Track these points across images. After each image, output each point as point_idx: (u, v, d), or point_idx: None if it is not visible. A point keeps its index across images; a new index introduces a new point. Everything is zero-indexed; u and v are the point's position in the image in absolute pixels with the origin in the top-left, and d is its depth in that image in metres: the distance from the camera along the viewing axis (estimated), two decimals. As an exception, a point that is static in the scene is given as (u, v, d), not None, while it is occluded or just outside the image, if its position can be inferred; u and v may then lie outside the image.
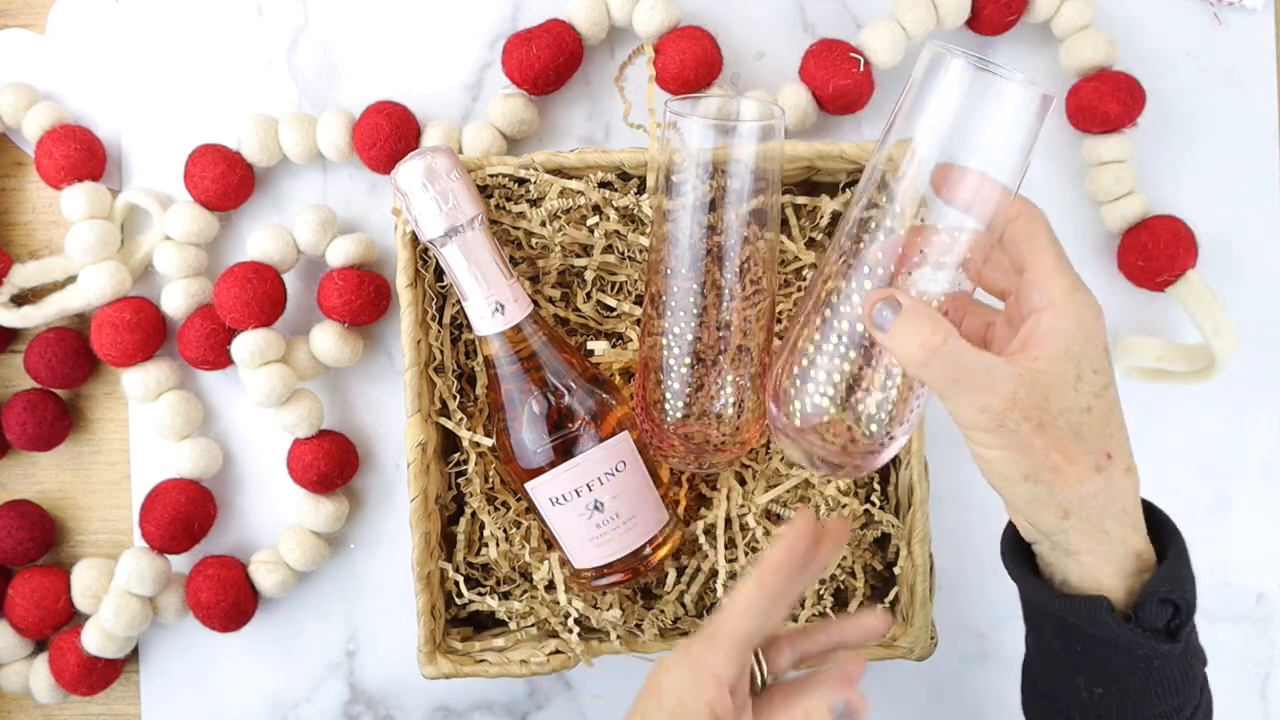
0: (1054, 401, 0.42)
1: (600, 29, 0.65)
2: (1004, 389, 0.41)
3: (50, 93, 0.67)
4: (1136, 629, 0.43)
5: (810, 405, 0.46)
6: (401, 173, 0.54)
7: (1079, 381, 0.42)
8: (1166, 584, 0.43)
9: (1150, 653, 0.43)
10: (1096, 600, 0.43)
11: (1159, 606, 0.43)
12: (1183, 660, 0.44)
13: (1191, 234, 0.65)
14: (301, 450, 0.65)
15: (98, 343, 0.64)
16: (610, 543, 0.55)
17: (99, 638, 0.63)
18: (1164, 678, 0.44)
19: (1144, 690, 0.44)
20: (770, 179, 0.52)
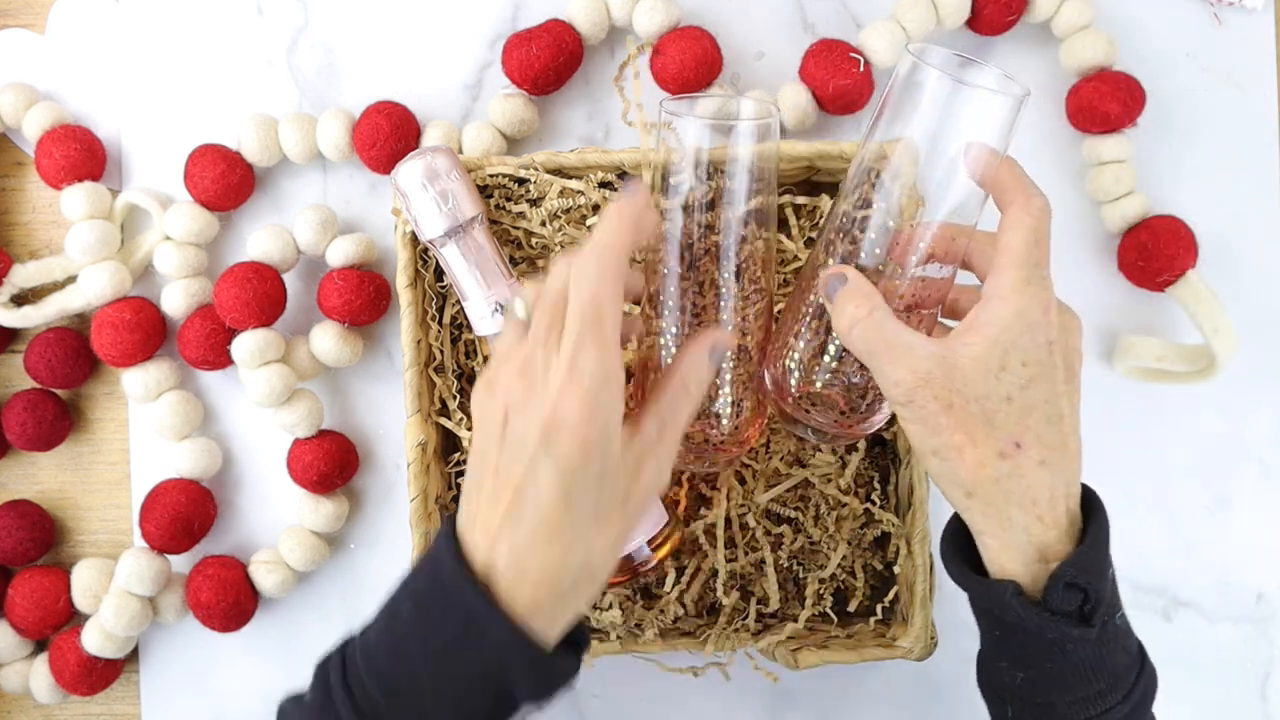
0: (970, 386, 0.44)
1: (600, 29, 0.65)
2: (919, 366, 0.44)
3: (50, 93, 0.67)
4: (1045, 613, 0.44)
5: (804, 381, 0.51)
6: (401, 173, 0.54)
7: (1002, 371, 0.44)
8: (1074, 569, 0.44)
9: (1061, 637, 0.44)
10: (1004, 584, 0.45)
11: (1065, 591, 0.44)
12: (1098, 646, 0.44)
13: (1191, 234, 0.65)
14: (301, 450, 0.65)
15: (98, 343, 0.64)
16: None
17: (99, 638, 0.63)
18: (1078, 662, 0.45)
19: (1061, 674, 0.45)
20: (767, 178, 0.52)
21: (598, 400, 0.43)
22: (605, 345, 0.43)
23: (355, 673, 0.45)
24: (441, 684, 0.43)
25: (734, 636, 0.61)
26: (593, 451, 0.43)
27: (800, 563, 0.64)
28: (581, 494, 0.43)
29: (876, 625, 0.62)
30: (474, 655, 0.43)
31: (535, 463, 0.43)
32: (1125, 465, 0.68)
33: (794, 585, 0.64)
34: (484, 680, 0.43)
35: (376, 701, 0.44)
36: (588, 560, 0.44)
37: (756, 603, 0.63)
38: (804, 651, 0.59)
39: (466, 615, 0.43)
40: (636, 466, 0.45)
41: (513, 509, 0.43)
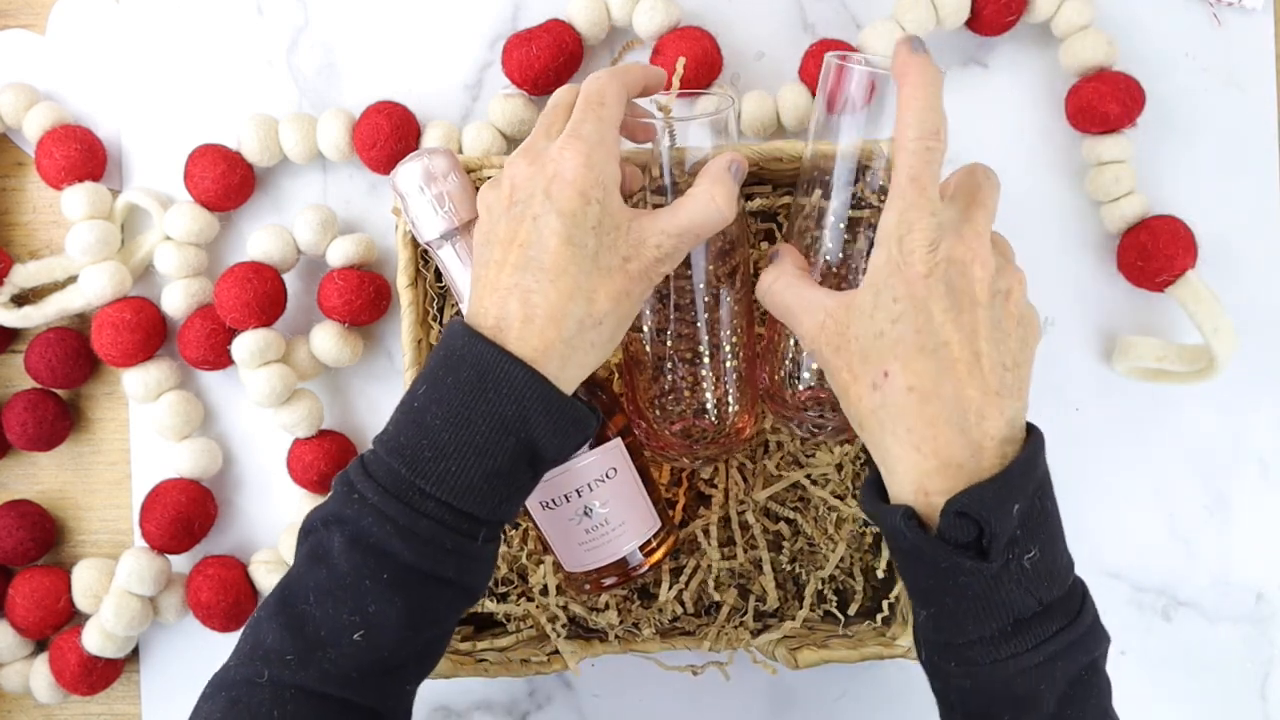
0: (851, 327, 0.46)
1: (600, 29, 0.65)
2: (815, 318, 0.48)
3: (50, 93, 0.67)
4: (936, 540, 0.43)
5: (794, 380, 0.53)
6: (399, 174, 0.54)
7: (875, 310, 0.45)
8: (968, 499, 0.43)
9: (953, 567, 0.43)
10: (895, 509, 0.45)
11: (957, 519, 0.43)
12: (995, 582, 0.43)
13: (1191, 234, 0.65)
14: (302, 450, 0.65)
15: (98, 343, 0.64)
16: (599, 548, 0.55)
17: (99, 637, 0.63)
18: (974, 598, 0.44)
19: (957, 611, 0.44)
20: None
21: (594, 155, 0.47)
22: (604, 121, 0.48)
23: (375, 459, 0.46)
24: (463, 442, 0.45)
25: (733, 634, 0.61)
26: (591, 199, 0.46)
27: (800, 564, 0.64)
28: (582, 238, 0.46)
29: (876, 625, 0.62)
30: (493, 405, 0.45)
31: (539, 217, 0.47)
32: (1124, 465, 0.68)
33: (794, 585, 0.64)
34: (504, 430, 0.45)
35: (399, 474, 0.45)
36: (591, 308, 0.47)
37: (755, 601, 0.63)
38: (804, 650, 0.59)
39: (481, 369, 0.45)
40: (640, 240, 0.48)
41: (520, 260, 0.46)
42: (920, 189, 0.45)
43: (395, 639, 0.45)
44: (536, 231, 0.46)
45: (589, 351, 0.47)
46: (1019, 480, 0.44)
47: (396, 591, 0.45)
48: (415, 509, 0.45)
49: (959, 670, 0.46)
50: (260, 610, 0.47)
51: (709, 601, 0.64)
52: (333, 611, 0.45)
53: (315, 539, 0.46)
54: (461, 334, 0.46)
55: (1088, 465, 0.67)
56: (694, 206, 0.49)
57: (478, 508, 0.46)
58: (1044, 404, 0.66)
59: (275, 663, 0.45)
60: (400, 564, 0.45)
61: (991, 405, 0.44)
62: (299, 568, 0.47)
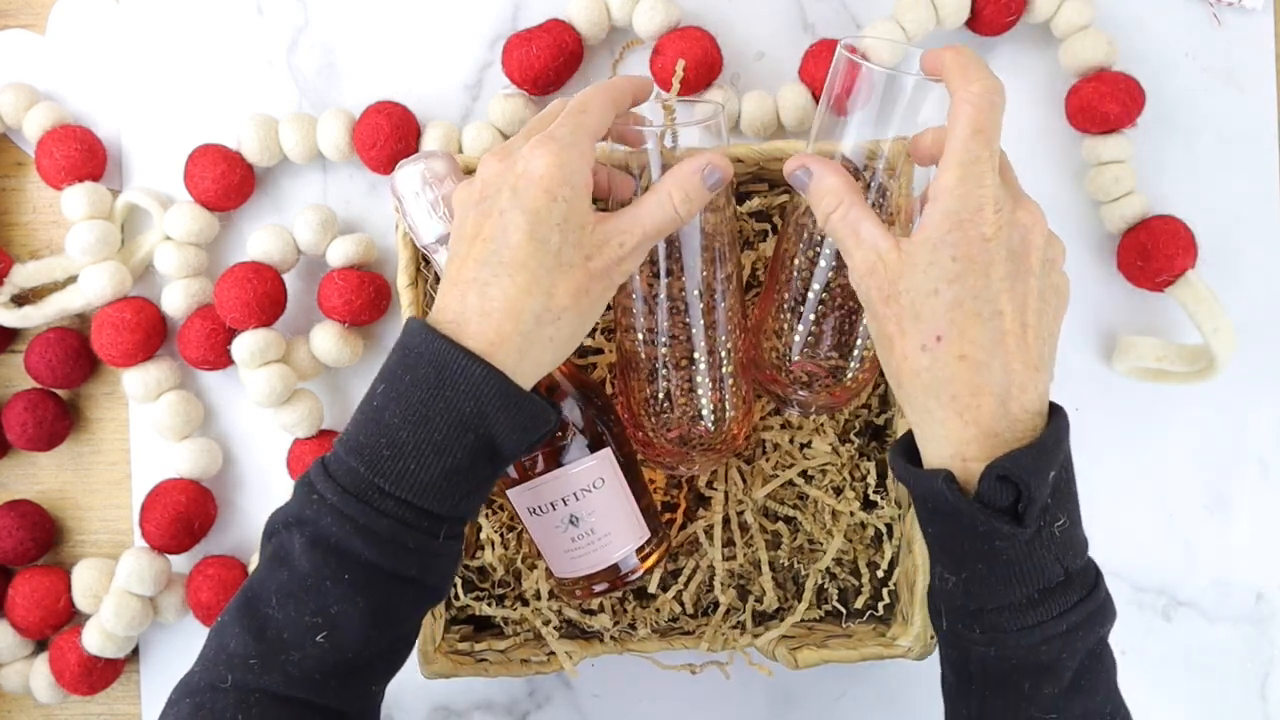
0: (903, 280, 0.45)
1: (600, 29, 0.65)
2: (867, 258, 0.46)
3: (50, 93, 0.67)
4: (975, 503, 0.44)
5: (784, 360, 0.54)
6: (398, 178, 0.54)
7: (930, 266, 0.44)
8: (1009, 463, 0.43)
9: (991, 531, 0.43)
10: (937, 471, 0.45)
11: (998, 484, 0.43)
12: (1030, 548, 0.44)
13: (1191, 234, 0.65)
14: (302, 450, 0.65)
15: (98, 343, 0.64)
16: (585, 557, 0.55)
17: (99, 637, 0.63)
18: (1008, 562, 0.44)
19: (991, 576, 0.45)
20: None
21: (565, 156, 0.46)
22: (581, 128, 0.48)
23: (335, 459, 0.46)
24: (421, 440, 0.45)
25: (731, 634, 0.61)
26: (557, 197, 0.46)
27: (800, 560, 0.64)
28: (545, 234, 0.46)
29: (876, 625, 0.62)
30: (450, 402, 0.45)
31: (505, 212, 0.46)
32: (1125, 465, 0.68)
33: (794, 585, 0.64)
34: (462, 427, 0.45)
35: (358, 474, 0.45)
36: (549, 303, 0.46)
37: (754, 601, 0.63)
38: (804, 650, 0.59)
39: (438, 365, 0.45)
40: (603, 240, 0.48)
41: (482, 254, 0.46)
42: (985, 142, 0.44)
43: (359, 639, 0.45)
44: (501, 226, 0.46)
45: (546, 347, 0.47)
46: (1053, 449, 0.44)
47: (358, 591, 0.45)
48: (375, 508, 0.45)
49: (983, 638, 0.46)
50: (224, 614, 0.47)
51: (707, 602, 0.64)
52: (295, 613, 0.45)
53: (277, 541, 0.46)
54: (419, 331, 0.46)
55: (1088, 465, 0.66)
56: (650, 206, 0.49)
57: (438, 505, 0.46)
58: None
59: (239, 666, 0.45)
60: (361, 564, 0.45)
61: (1030, 379, 0.45)
62: (261, 570, 0.46)
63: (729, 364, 0.54)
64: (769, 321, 0.55)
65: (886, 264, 0.46)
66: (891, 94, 0.49)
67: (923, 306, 0.45)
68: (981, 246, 0.44)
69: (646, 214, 0.49)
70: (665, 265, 0.53)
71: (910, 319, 0.45)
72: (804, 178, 0.49)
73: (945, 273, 0.44)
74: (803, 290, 0.53)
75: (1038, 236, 0.45)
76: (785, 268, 0.54)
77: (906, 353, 0.45)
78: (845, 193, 0.48)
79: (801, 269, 0.53)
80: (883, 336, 0.47)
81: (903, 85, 0.49)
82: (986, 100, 0.45)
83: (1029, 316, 0.45)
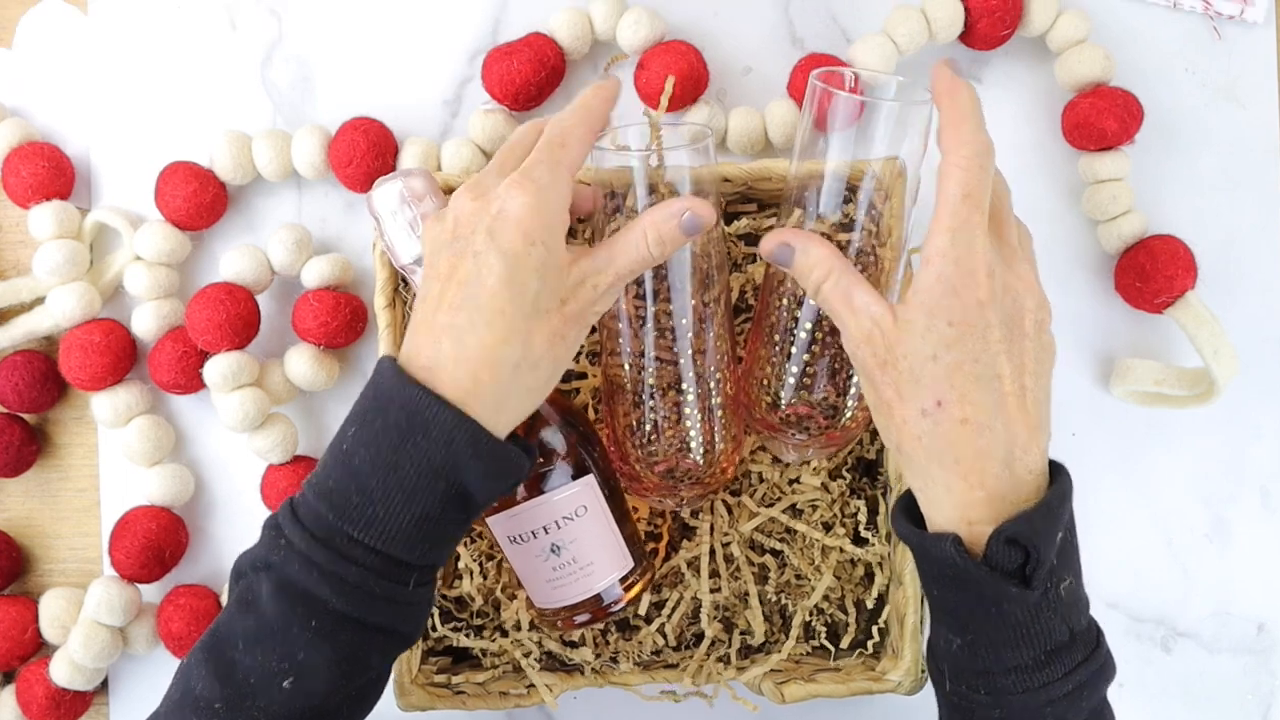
0: (901, 345, 0.45)
1: (583, 43, 0.63)
2: (862, 326, 0.46)
3: (17, 108, 0.65)
4: (983, 567, 0.43)
5: (774, 402, 0.53)
6: (376, 196, 0.53)
7: (928, 331, 0.44)
8: (1016, 526, 0.43)
9: (998, 594, 0.43)
10: (944, 535, 0.44)
11: (1006, 547, 0.43)
12: (1037, 610, 0.44)
13: (1190, 254, 0.63)
14: (275, 476, 0.63)
15: (66, 366, 0.62)
16: (567, 587, 0.54)
17: (67, 669, 0.62)
18: (1015, 625, 0.44)
19: (998, 638, 0.44)
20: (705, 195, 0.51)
21: (543, 198, 0.46)
22: (560, 165, 0.47)
23: (304, 503, 0.45)
24: (391, 487, 0.44)
25: (715, 668, 0.59)
26: (535, 241, 0.45)
27: (787, 596, 0.62)
28: (523, 280, 0.45)
29: (865, 659, 0.61)
30: (422, 449, 0.44)
31: (480, 254, 0.45)
32: (1122, 491, 0.66)
33: (781, 619, 0.63)
34: (433, 474, 0.44)
35: (326, 520, 0.44)
36: (527, 351, 0.45)
37: (741, 634, 0.62)
38: (790, 684, 0.58)
39: (410, 411, 0.44)
40: (579, 281, 0.47)
41: (457, 298, 0.45)
42: (975, 206, 0.44)
43: (326, 687, 0.44)
44: (476, 269, 0.45)
45: (523, 396, 0.46)
46: (1059, 510, 0.44)
47: (326, 639, 0.44)
48: (343, 555, 0.44)
49: (988, 699, 0.45)
50: (190, 656, 0.46)
51: (691, 634, 0.63)
52: (261, 659, 0.44)
53: (245, 584, 0.45)
54: (391, 374, 0.45)
55: (1084, 492, 0.65)
56: (625, 246, 0.48)
57: (407, 554, 0.44)
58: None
59: (204, 711, 0.44)
60: (329, 611, 0.44)
61: (1032, 439, 0.45)
62: (229, 613, 0.45)
63: (718, 394, 0.53)
64: (759, 358, 0.53)
65: (883, 330, 0.45)
66: (869, 120, 0.49)
67: (922, 371, 0.44)
68: (978, 311, 0.44)
69: (621, 254, 0.48)
70: (651, 287, 0.52)
71: (909, 384, 0.45)
72: (786, 254, 0.49)
73: (943, 338, 0.44)
74: (793, 326, 0.52)
75: (1030, 299, 0.46)
76: (775, 296, 0.53)
77: (907, 418, 0.45)
78: (833, 261, 0.47)
79: (790, 303, 0.52)
80: (880, 403, 0.46)
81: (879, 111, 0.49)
82: (976, 164, 0.45)
83: (1027, 379, 0.45)
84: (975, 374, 0.44)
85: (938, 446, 0.44)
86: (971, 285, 0.44)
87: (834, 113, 0.50)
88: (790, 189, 0.52)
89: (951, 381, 0.44)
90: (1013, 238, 0.47)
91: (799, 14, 0.66)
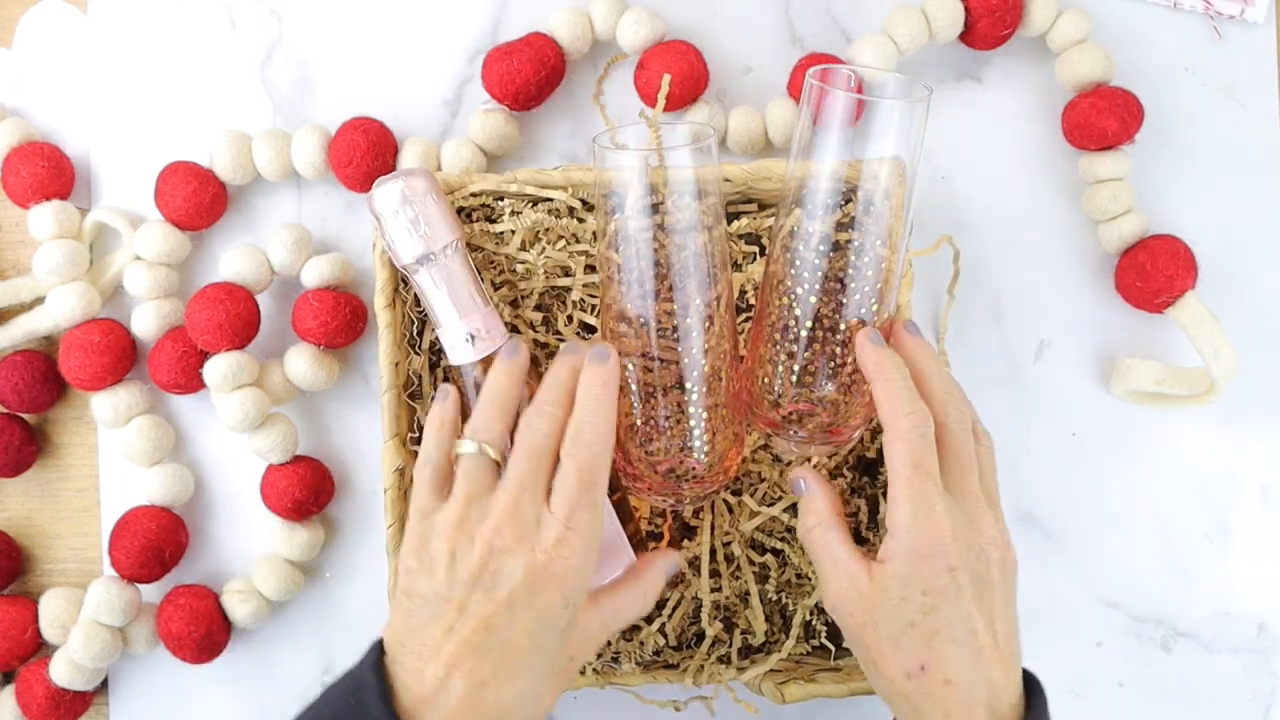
0: (877, 610, 0.47)
1: (583, 43, 0.63)
2: (840, 586, 0.49)
3: (17, 108, 0.65)
4: None
5: (777, 399, 0.53)
6: (376, 196, 0.53)
7: (903, 601, 0.47)
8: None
9: None
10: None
11: None
12: None
13: (1191, 254, 0.63)
14: (276, 476, 0.63)
15: (66, 366, 0.62)
16: None
17: (67, 669, 0.62)
18: None
19: None
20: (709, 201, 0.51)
21: (585, 561, 0.46)
22: (598, 508, 0.48)
23: None
24: None
25: (717, 668, 0.59)
26: (570, 605, 0.46)
27: (788, 595, 0.62)
28: (550, 640, 0.46)
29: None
30: None
31: (515, 605, 0.45)
32: (1122, 492, 0.66)
33: (781, 618, 0.63)
34: None
35: None
36: (536, 710, 0.46)
37: (742, 634, 0.62)
38: (791, 684, 0.58)
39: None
40: (585, 637, 0.48)
41: (479, 641, 0.44)
42: (927, 475, 0.47)
43: None
44: (509, 618, 0.45)
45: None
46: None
47: None
48: None
49: None
50: None
51: (692, 634, 0.63)
52: None
53: None
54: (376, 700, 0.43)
55: (1084, 492, 0.66)
56: (630, 602, 0.50)
57: None
58: (1040, 429, 0.65)
59: None
60: None
61: (1009, 678, 0.47)
62: None
63: (720, 392, 0.53)
64: (760, 357, 0.53)
65: (860, 592, 0.48)
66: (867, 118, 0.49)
67: (901, 636, 0.47)
68: (949, 578, 0.46)
69: (626, 608, 0.50)
70: (654, 288, 0.51)
71: (890, 648, 0.47)
72: (799, 487, 0.52)
73: (919, 606, 0.47)
74: (793, 324, 0.52)
75: (994, 550, 0.48)
76: (775, 295, 0.53)
77: (892, 678, 0.47)
78: (825, 514, 0.51)
79: (790, 301, 0.52)
80: (866, 660, 0.49)
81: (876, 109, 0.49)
82: (917, 434, 0.47)
83: (998, 624, 0.47)
84: (953, 637, 0.46)
85: (925, 704, 0.47)
86: (939, 553, 0.46)
87: (831, 111, 0.49)
88: (788, 189, 0.52)
89: (931, 646, 0.46)
90: (972, 484, 0.48)
91: (799, 14, 0.66)
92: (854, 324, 0.51)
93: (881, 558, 0.48)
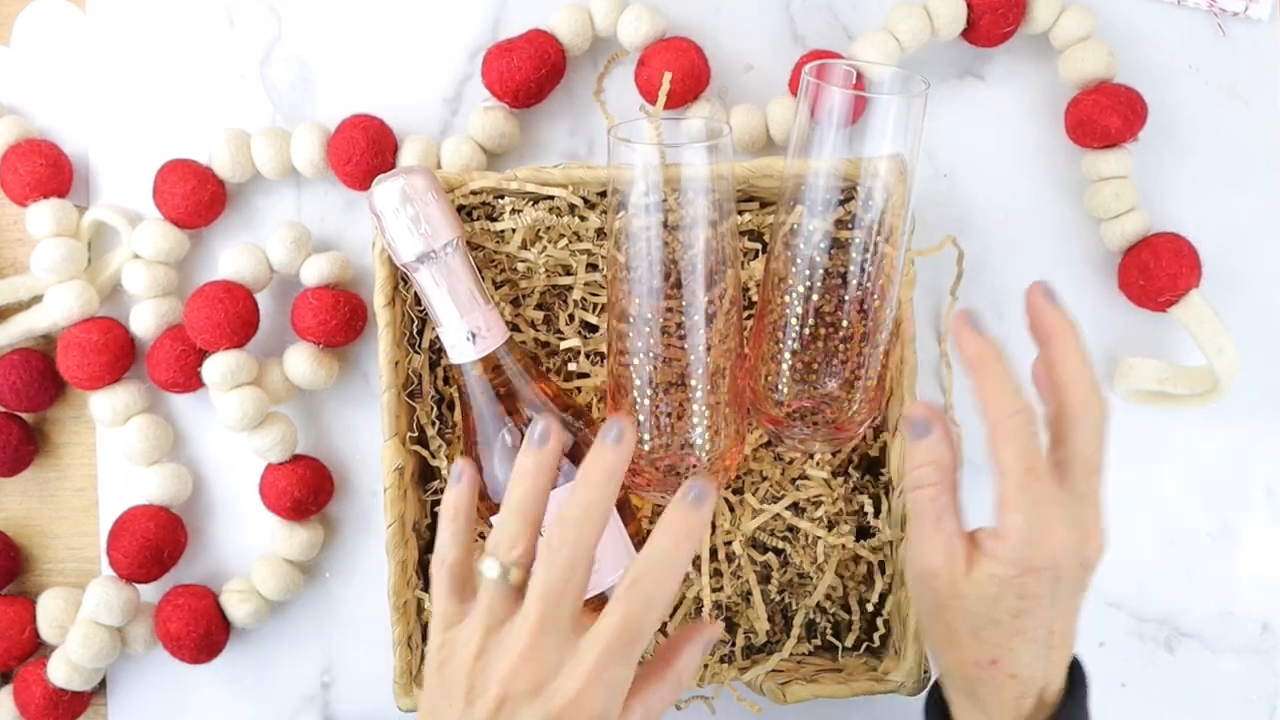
0: (967, 600, 0.46)
1: (583, 40, 0.63)
2: (935, 559, 0.46)
3: (15, 106, 0.65)
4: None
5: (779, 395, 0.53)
6: (376, 194, 0.53)
7: (996, 601, 0.45)
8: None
9: None
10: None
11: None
12: None
13: (1194, 252, 0.63)
14: (275, 476, 0.63)
15: (64, 364, 0.62)
16: None
17: (66, 669, 0.62)
18: None
19: None
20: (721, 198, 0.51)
21: (609, 711, 0.42)
22: (633, 662, 0.42)
23: None
24: None
25: (718, 668, 0.59)
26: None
27: (790, 595, 0.62)
28: None
29: (868, 659, 0.60)
30: None
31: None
32: (1125, 491, 0.66)
33: (783, 619, 0.62)
34: None
35: None
36: None
37: (745, 633, 0.61)
38: (792, 685, 0.58)
39: None
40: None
41: None
42: (1039, 478, 0.45)
43: None
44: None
45: None
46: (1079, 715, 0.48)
47: None
48: None
49: None
50: None
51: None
52: None
53: None
54: None
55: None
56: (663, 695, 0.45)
57: None
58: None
59: None
60: None
61: (1060, 670, 0.47)
62: None
63: (723, 390, 0.53)
64: (762, 354, 0.53)
65: (954, 575, 0.46)
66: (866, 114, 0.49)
67: (984, 630, 0.46)
68: (1051, 585, 0.45)
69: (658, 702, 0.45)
70: (658, 285, 0.51)
71: (968, 636, 0.46)
72: (921, 430, 0.47)
73: (1010, 608, 0.45)
74: (794, 321, 0.52)
75: (1093, 552, 0.46)
76: (776, 293, 0.52)
77: (959, 662, 0.47)
78: (948, 475, 0.47)
79: (791, 299, 0.52)
80: (935, 632, 0.48)
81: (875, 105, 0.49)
82: (1027, 433, 0.45)
83: (1071, 625, 0.47)
84: (1032, 639, 0.46)
85: (983, 691, 0.46)
86: (1049, 567, 0.45)
87: (829, 107, 0.49)
88: (787, 185, 0.52)
89: (1010, 645, 0.45)
90: (1094, 487, 0.46)
91: (800, 11, 0.65)
92: (856, 320, 0.51)
93: (988, 552, 0.45)
